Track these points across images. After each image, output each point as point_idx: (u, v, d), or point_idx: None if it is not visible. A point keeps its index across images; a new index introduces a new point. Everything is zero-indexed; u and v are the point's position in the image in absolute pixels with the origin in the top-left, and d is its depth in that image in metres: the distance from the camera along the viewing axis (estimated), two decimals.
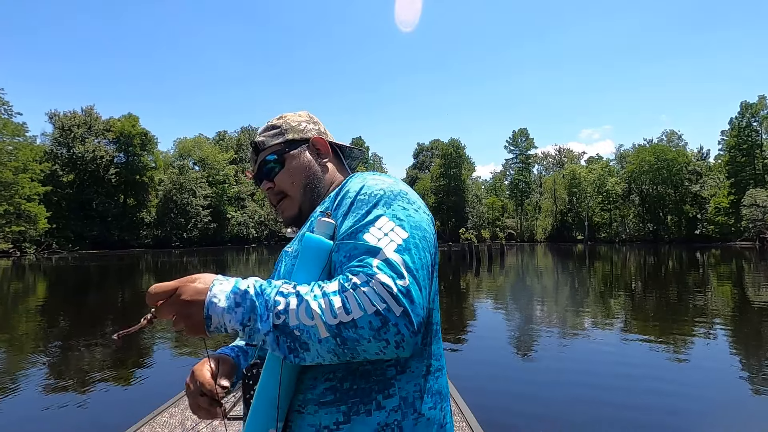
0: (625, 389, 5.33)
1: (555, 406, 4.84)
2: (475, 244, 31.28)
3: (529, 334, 8.51)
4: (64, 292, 16.19)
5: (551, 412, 4.68)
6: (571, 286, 16.80)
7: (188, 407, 1.27)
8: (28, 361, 6.97)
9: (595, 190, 70.21)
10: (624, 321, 9.67)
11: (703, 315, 9.96)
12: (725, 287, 15.03)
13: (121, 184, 57.40)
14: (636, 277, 19.48)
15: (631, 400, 4.99)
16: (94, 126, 56.05)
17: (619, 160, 76.20)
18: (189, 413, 3.59)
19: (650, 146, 67.35)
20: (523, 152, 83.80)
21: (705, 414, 4.72)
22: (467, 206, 75.91)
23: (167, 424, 3.50)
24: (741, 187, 52.28)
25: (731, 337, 8.21)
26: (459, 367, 6.18)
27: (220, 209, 62.81)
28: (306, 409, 0.78)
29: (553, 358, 6.89)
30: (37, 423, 4.52)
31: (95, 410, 4.81)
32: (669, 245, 54.99)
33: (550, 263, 30.02)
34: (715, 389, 5.40)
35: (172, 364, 6.63)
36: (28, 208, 40.88)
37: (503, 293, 14.98)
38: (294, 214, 1.01)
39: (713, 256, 33.24)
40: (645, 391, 5.20)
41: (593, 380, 5.73)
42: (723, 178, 58.15)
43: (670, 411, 4.66)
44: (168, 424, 3.49)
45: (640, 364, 6.39)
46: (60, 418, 4.62)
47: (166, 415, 3.66)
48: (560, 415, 4.62)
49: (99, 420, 4.53)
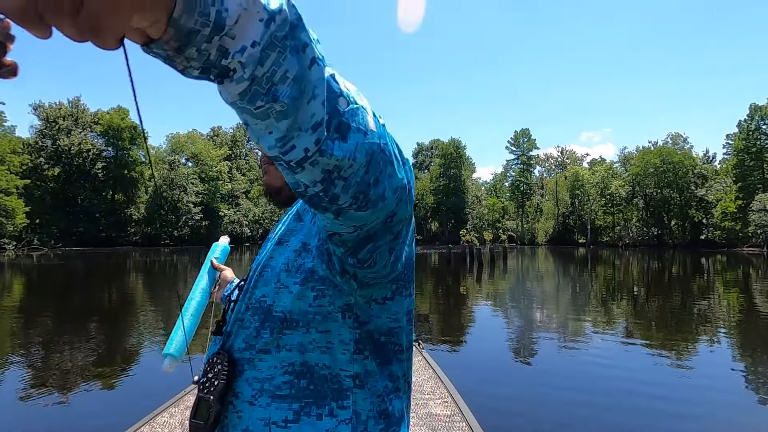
0: (626, 394, 5.44)
1: (556, 410, 4.94)
2: (476, 246, 31.41)
3: (532, 339, 8.62)
4: (42, 293, 16.13)
5: (552, 416, 4.79)
6: (575, 291, 16.94)
7: (188, 407, 1.39)
8: (9, 362, 7.01)
9: (598, 192, 70.50)
10: (627, 327, 9.79)
11: (708, 322, 10.10)
12: (731, 294, 15.19)
13: (109, 179, 57.07)
14: (640, 283, 19.65)
15: (632, 405, 5.10)
16: (81, 118, 55.76)
17: (623, 163, 76.58)
18: (189, 413, 3.66)
19: (655, 149, 67.72)
20: (524, 153, 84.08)
21: (710, 421, 4.83)
22: (467, 207, 76.07)
23: (167, 424, 3.58)
24: (749, 192, 52.51)
25: (737, 345, 8.34)
26: (461, 369, 6.27)
27: (212, 207, 62.67)
28: (258, 401, 0.78)
29: (556, 363, 7.00)
30: (36, 423, 4.58)
31: (95, 411, 4.87)
32: (673, 250, 55.33)
33: (553, 267, 30.18)
34: (720, 396, 5.51)
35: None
36: (4, 202, 39.71)
37: (507, 298, 15.10)
38: (278, 186, 1.00)
39: (719, 262, 33.51)
40: (646, 397, 5.31)
41: (594, 385, 5.84)
42: (730, 182, 58.48)
43: (672, 418, 4.77)
44: (168, 424, 3.56)
45: (642, 369, 6.50)
46: (59, 419, 4.68)
47: (166, 415, 3.73)
48: (561, 419, 4.72)
49: (99, 420, 4.59)
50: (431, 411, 4.07)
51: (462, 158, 77.48)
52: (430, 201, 77.39)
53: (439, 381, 4.78)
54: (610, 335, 8.89)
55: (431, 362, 5.41)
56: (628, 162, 73.63)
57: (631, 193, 67.93)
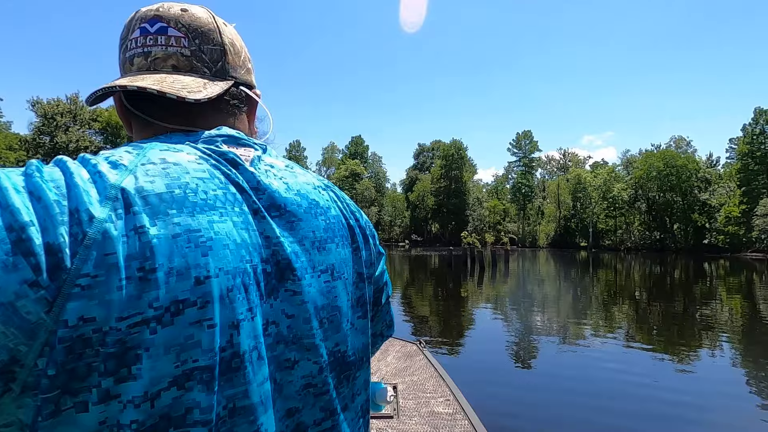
0: (627, 397, 5.46)
1: (556, 411, 4.97)
2: (477, 249, 31.42)
3: (533, 342, 8.64)
4: None
5: (552, 416, 4.80)
6: (577, 295, 16.96)
7: None
8: None
9: (600, 195, 70.57)
10: (627, 331, 9.81)
11: (710, 328, 10.12)
12: (734, 300, 15.21)
13: None
14: (641, 287, 19.66)
15: (632, 408, 5.12)
16: (79, 115, 55.85)
17: (625, 166, 76.66)
18: None
19: (658, 152, 67.79)
20: (526, 155, 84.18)
21: (711, 426, 4.84)
22: (468, 209, 76.14)
23: None
24: (753, 197, 52.48)
25: (740, 351, 8.36)
26: (462, 369, 6.29)
27: None
28: None
29: (557, 365, 7.02)
30: None
31: None
32: (676, 255, 55.34)
33: (555, 271, 30.20)
34: (722, 402, 5.54)
35: None
36: None
37: (509, 301, 15.11)
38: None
39: (722, 267, 33.52)
40: (648, 400, 5.33)
41: (594, 387, 5.86)
42: (734, 186, 58.52)
43: (672, 421, 4.78)
44: None
45: (643, 374, 6.53)
46: None
47: None
48: (561, 419, 4.74)
49: None
50: (433, 409, 4.09)
51: (463, 159, 77.57)
52: (430, 202, 77.44)
53: (441, 380, 4.80)
54: (610, 339, 8.91)
55: (433, 362, 5.43)
56: (631, 165, 73.73)
57: (633, 197, 67.98)
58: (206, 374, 0.46)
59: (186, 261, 0.46)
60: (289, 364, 0.56)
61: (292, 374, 0.57)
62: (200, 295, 0.46)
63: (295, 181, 0.63)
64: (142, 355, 0.42)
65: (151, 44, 0.60)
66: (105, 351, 0.41)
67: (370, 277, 0.70)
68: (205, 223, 0.50)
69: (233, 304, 0.50)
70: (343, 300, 0.63)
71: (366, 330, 0.67)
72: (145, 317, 0.43)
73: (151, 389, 0.43)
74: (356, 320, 0.65)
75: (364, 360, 0.67)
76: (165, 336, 0.44)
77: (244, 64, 0.68)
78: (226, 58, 0.64)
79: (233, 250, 0.51)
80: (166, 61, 0.60)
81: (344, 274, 0.64)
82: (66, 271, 0.40)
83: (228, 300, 0.49)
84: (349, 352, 0.63)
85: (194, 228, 0.48)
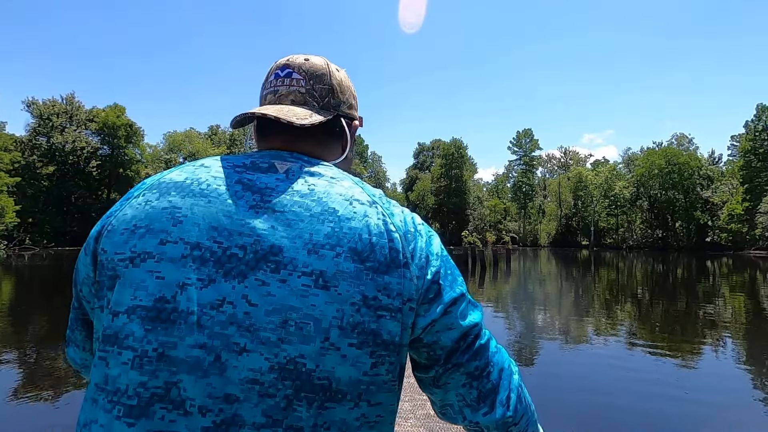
0: (629, 395, 5.40)
1: (557, 411, 4.90)
2: (478, 248, 31.33)
3: (534, 341, 8.57)
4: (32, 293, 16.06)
5: (553, 416, 4.74)
6: (579, 294, 16.90)
7: None
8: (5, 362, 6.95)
9: (601, 194, 70.46)
10: (630, 330, 9.75)
11: (713, 326, 10.05)
12: (737, 298, 15.14)
13: (105, 177, 56.99)
14: (644, 286, 19.60)
15: (635, 406, 5.05)
16: (75, 116, 55.68)
17: (627, 164, 76.56)
18: None
19: (660, 149, 67.66)
20: (527, 154, 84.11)
21: (714, 424, 4.78)
22: (469, 208, 76.08)
23: None
24: (756, 194, 52.37)
25: (743, 349, 8.30)
26: None
27: None
28: None
29: (557, 364, 6.96)
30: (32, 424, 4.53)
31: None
32: (678, 253, 55.31)
33: (556, 270, 30.14)
34: (725, 399, 5.48)
35: None
36: None
37: (511, 301, 15.04)
38: None
39: (725, 265, 33.46)
40: (650, 397, 5.26)
41: (595, 386, 5.79)
42: (736, 183, 58.39)
43: (675, 419, 4.72)
44: None
45: (645, 372, 6.47)
46: (54, 419, 4.63)
47: None
48: (561, 419, 4.67)
49: None
50: (429, 412, 4.02)
51: (463, 158, 77.54)
52: (431, 202, 77.40)
53: None
54: (613, 337, 8.85)
55: None
56: (632, 163, 73.61)
57: (635, 195, 67.87)
58: (143, 312, 0.58)
59: (162, 226, 0.62)
60: (237, 348, 0.58)
61: (239, 360, 0.57)
62: (159, 252, 0.60)
63: (325, 189, 0.67)
64: (116, 283, 0.61)
65: (279, 85, 0.78)
66: (107, 273, 0.62)
67: (397, 310, 0.64)
68: (188, 204, 0.64)
69: (183, 268, 0.59)
70: (325, 314, 0.60)
71: (360, 364, 0.61)
72: (128, 256, 0.61)
73: (114, 309, 0.60)
74: (346, 347, 0.61)
75: (345, 396, 0.61)
76: (131, 274, 0.60)
77: (348, 100, 0.83)
78: (333, 95, 0.79)
79: (202, 228, 0.62)
80: (287, 96, 0.77)
81: (338, 288, 0.61)
82: (105, 225, 0.66)
83: (180, 263, 0.60)
84: (319, 373, 0.59)
85: (178, 206, 0.63)
